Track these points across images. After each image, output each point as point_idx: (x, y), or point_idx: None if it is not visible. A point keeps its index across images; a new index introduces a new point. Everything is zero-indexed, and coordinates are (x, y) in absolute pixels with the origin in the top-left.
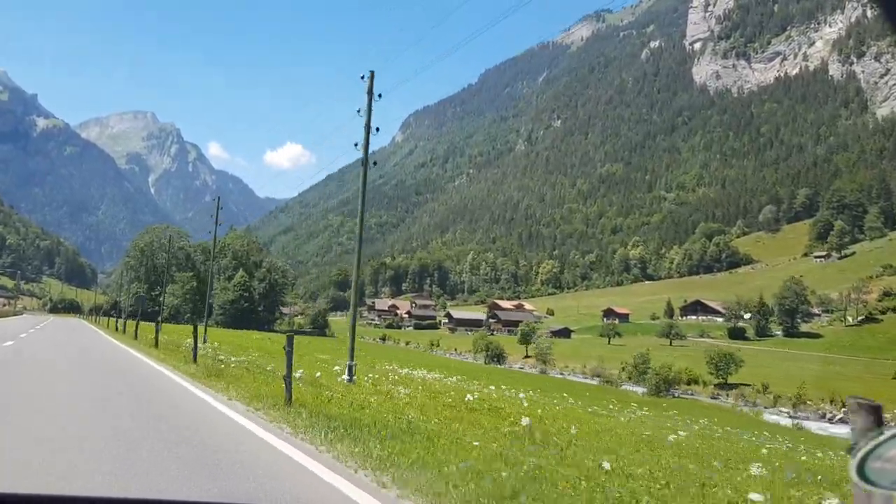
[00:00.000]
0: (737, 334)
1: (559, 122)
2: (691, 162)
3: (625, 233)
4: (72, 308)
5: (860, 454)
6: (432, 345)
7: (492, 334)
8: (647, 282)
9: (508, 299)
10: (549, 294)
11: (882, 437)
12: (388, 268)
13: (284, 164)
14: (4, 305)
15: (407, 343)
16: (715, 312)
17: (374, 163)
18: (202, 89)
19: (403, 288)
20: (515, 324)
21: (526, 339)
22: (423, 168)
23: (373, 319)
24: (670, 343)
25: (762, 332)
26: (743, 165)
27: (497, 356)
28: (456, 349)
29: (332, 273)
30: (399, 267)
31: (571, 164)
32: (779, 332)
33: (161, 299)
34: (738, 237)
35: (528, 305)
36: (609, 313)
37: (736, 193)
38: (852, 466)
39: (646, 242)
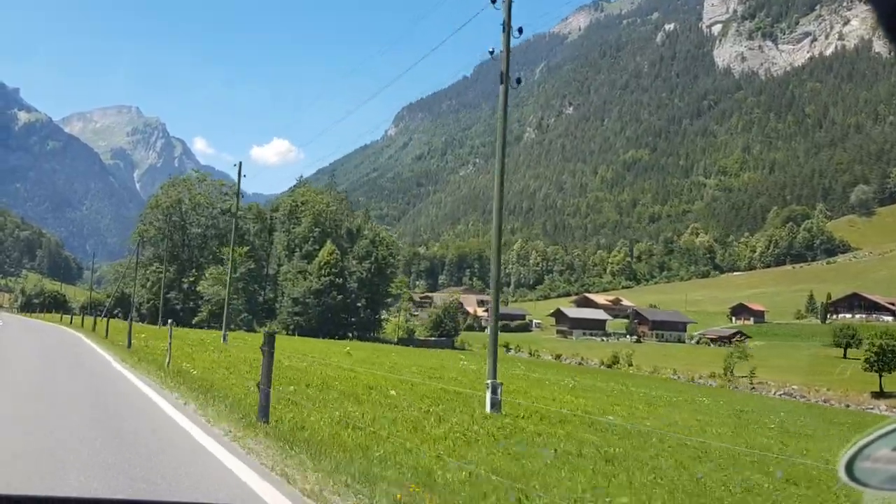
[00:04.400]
0: None
1: (571, 108)
2: (731, 146)
3: (664, 221)
4: (55, 305)
5: (849, 454)
6: (615, 362)
7: (639, 341)
8: (737, 273)
9: (577, 293)
10: (623, 287)
11: (869, 437)
12: (423, 258)
13: (272, 160)
14: None
15: (558, 357)
16: (882, 309)
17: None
18: (187, 84)
19: (441, 281)
20: (669, 326)
21: (744, 355)
22: (420, 160)
23: (415, 314)
24: None
25: None
26: (791, 147)
27: None
28: (676, 370)
29: None
30: (434, 257)
31: (590, 150)
32: None
33: (197, 289)
34: (828, 221)
35: (625, 301)
36: (740, 310)
37: (801, 176)
38: (841, 466)
39: (706, 230)
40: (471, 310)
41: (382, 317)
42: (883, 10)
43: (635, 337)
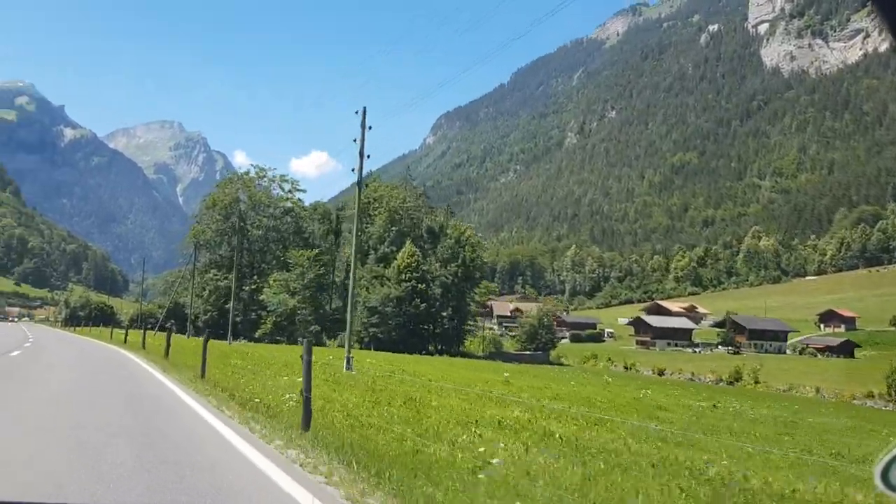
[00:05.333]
0: None
1: (614, 112)
2: (785, 146)
3: (719, 225)
4: (102, 318)
5: (885, 460)
6: (737, 378)
7: (737, 352)
8: (809, 277)
9: (641, 300)
10: (690, 293)
11: None
12: None
13: (311, 172)
14: (23, 317)
15: (661, 372)
16: None
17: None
18: (227, 98)
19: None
20: (769, 335)
21: None
22: (459, 168)
23: (491, 328)
24: None
25: None
26: (850, 146)
27: None
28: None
29: None
30: (484, 265)
31: (636, 154)
32: None
33: (260, 298)
34: None
35: (701, 308)
36: (830, 317)
37: (866, 176)
38: (877, 473)
39: (767, 233)
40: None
41: (468, 327)
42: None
43: (730, 347)
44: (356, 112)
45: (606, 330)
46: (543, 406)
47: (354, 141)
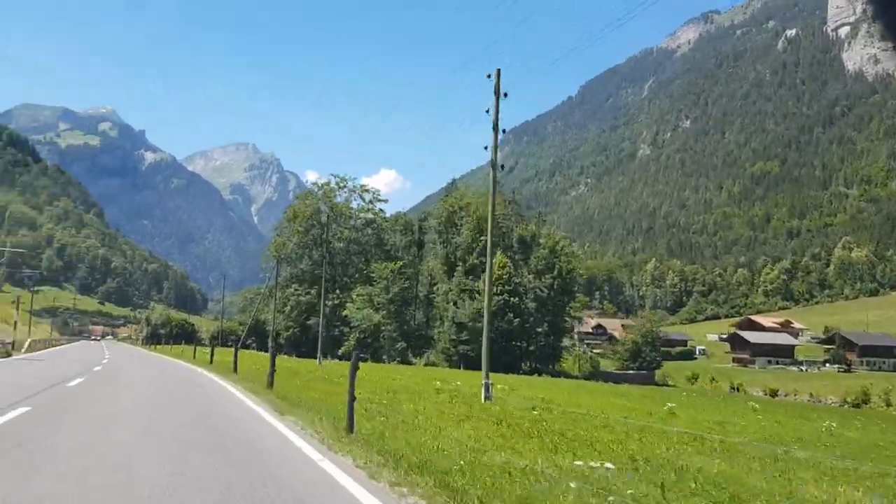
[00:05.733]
0: None
1: (688, 122)
2: (874, 153)
3: (805, 236)
4: (182, 335)
5: None
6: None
7: (848, 370)
8: None
9: (728, 316)
10: (780, 308)
11: None
12: None
13: (381, 190)
14: (106, 336)
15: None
16: None
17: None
18: (299, 119)
19: None
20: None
21: None
22: (528, 183)
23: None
24: None
25: None
26: None
27: None
28: None
29: None
30: None
31: (713, 164)
32: None
33: (342, 313)
34: None
35: (797, 323)
36: None
37: None
38: None
39: (859, 244)
40: (618, 335)
41: (564, 344)
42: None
43: (840, 365)
44: (488, 76)
45: (697, 347)
46: (778, 454)
47: (487, 112)
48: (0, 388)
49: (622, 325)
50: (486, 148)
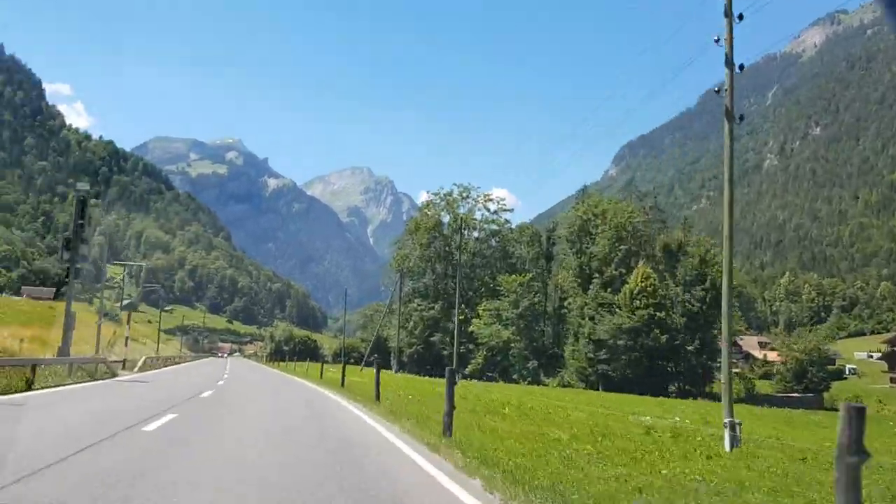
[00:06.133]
0: None
1: (818, 129)
2: None
3: None
4: (305, 352)
5: None
6: None
7: None
8: None
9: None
10: None
11: None
12: None
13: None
14: (234, 353)
15: None
16: None
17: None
18: (412, 141)
19: None
20: None
21: None
22: (647, 198)
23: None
24: None
25: None
26: None
27: None
28: None
29: None
30: None
31: (847, 173)
32: None
33: (468, 329)
34: None
35: None
36: None
37: None
38: None
39: None
40: (757, 353)
41: (716, 364)
42: None
43: None
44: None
45: (847, 366)
46: None
47: (717, 41)
48: (42, 434)
49: (759, 343)
50: (717, 91)
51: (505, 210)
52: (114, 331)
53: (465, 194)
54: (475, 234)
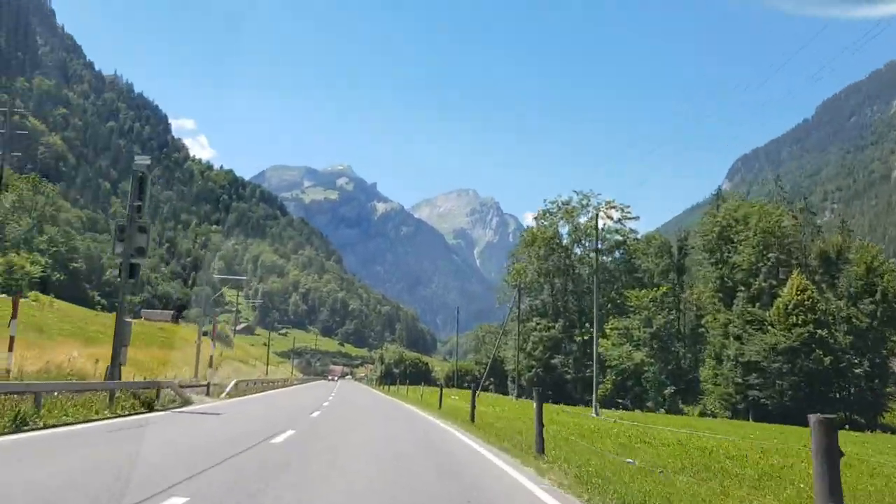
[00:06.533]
0: None
1: None
2: None
3: None
4: (416, 375)
5: None
6: None
7: None
8: None
9: None
10: None
11: None
12: None
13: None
14: (346, 375)
15: None
16: None
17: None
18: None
19: None
20: None
21: None
22: (795, 200)
23: None
24: None
25: None
26: None
27: None
28: None
29: None
30: None
31: None
32: None
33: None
34: None
35: None
36: None
37: None
38: None
39: None
40: None
41: (888, 390)
42: None
43: None
44: None
45: None
46: None
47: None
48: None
49: None
50: None
51: (629, 218)
52: (220, 352)
53: (584, 202)
54: (601, 243)
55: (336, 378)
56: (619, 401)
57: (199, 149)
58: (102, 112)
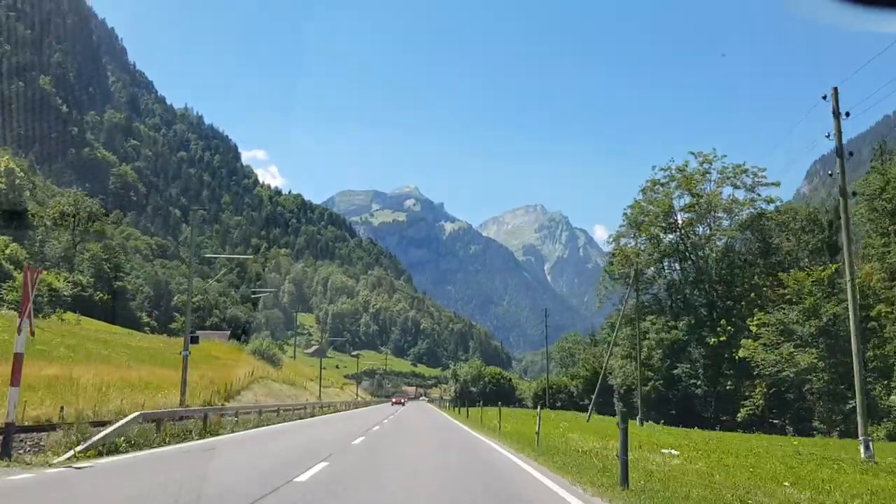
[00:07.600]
0: None
1: None
2: None
3: None
4: (498, 394)
5: None
6: None
7: None
8: None
9: None
10: None
11: None
12: None
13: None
14: (420, 397)
15: None
16: None
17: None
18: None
19: None
20: None
21: None
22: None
23: None
24: None
25: None
26: None
27: None
28: None
29: None
30: None
31: None
32: None
33: (733, 355)
34: None
35: None
36: None
37: None
38: None
39: None
40: None
41: None
42: None
43: None
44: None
45: None
46: None
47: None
48: None
49: None
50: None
51: (767, 184)
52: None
53: (705, 166)
54: (725, 221)
55: (404, 400)
56: (774, 420)
57: (271, 178)
58: (173, 143)
